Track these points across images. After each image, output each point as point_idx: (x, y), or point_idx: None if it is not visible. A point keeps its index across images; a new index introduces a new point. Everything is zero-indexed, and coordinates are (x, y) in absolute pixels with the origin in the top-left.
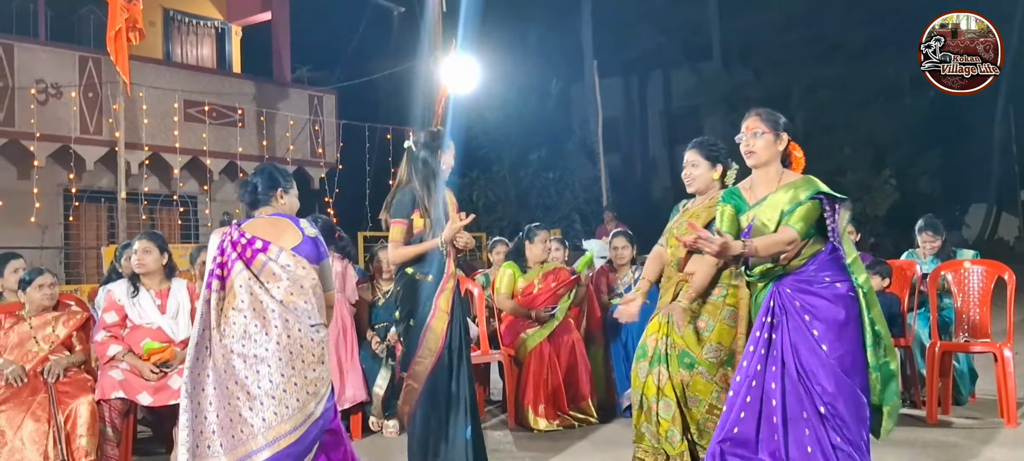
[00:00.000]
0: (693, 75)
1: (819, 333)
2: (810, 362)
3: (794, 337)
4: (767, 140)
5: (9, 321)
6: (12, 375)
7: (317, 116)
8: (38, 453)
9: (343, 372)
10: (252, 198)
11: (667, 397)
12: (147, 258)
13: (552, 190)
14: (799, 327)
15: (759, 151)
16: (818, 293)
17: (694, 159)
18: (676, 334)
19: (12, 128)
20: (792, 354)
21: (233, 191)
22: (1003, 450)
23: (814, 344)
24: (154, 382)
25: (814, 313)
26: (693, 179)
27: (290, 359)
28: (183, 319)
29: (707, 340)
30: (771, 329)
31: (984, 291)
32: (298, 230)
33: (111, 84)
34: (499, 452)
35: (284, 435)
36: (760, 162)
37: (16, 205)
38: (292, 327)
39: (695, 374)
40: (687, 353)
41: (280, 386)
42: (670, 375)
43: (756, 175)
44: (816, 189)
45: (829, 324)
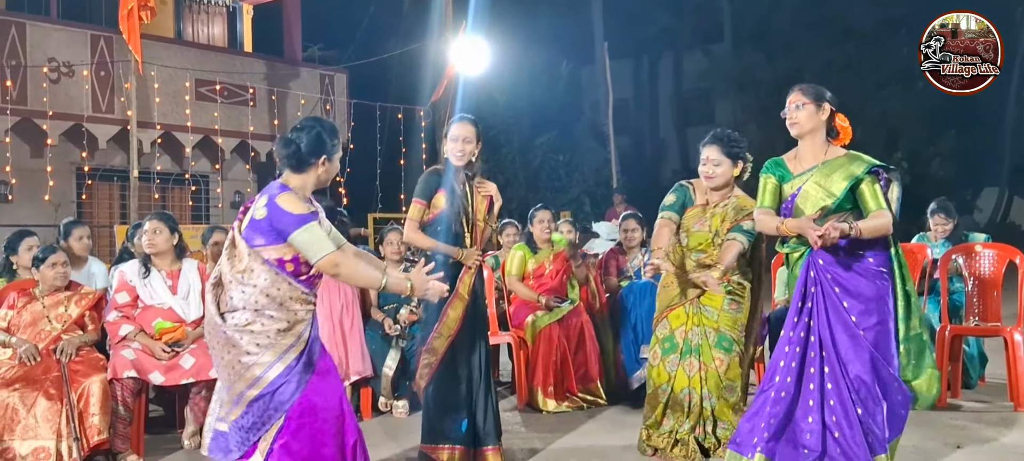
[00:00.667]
0: (704, 57)
1: (849, 306)
2: (841, 336)
3: (827, 310)
4: (809, 111)
5: (22, 300)
6: (25, 354)
7: (328, 95)
8: (51, 431)
9: (347, 347)
10: (296, 159)
11: (693, 388)
12: (157, 239)
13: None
14: (831, 300)
15: (802, 121)
16: (852, 268)
17: (717, 158)
18: (709, 320)
19: (25, 106)
20: (826, 327)
21: (244, 170)
22: (1012, 433)
23: (846, 317)
24: (166, 362)
25: (845, 287)
26: (715, 177)
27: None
28: (194, 299)
29: (739, 320)
30: (801, 300)
31: (995, 275)
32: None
33: (123, 63)
34: (509, 433)
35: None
36: (803, 131)
37: (30, 183)
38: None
39: (732, 356)
40: (725, 336)
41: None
42: (703, 364)
43: (801, 145)
44: (870, 164)
45: (859, 299)
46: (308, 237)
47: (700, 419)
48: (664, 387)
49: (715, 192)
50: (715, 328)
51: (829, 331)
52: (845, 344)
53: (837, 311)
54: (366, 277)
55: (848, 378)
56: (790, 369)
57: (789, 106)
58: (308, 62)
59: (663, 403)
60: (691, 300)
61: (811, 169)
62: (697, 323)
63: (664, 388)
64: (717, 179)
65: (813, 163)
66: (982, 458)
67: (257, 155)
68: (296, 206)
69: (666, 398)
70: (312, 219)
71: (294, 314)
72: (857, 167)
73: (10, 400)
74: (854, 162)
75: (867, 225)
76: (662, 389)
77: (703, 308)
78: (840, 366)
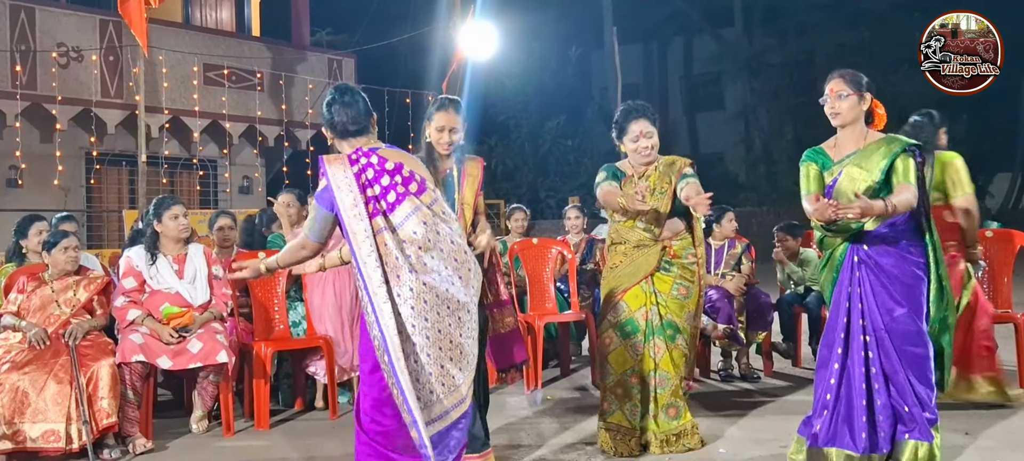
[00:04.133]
0: (714, 41)
1: (889, 293)
2: (883, 320)
3: (874, 294)
4: (851, 101)
5: (32, 284)
6: (35, 337)
7: (336, 80)
8: (61, 414)
9: (354, 337)
10: (362, 123)
11: (664, 370)
12: (187, 221)
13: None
14: (874, 286)
15: (844, 112)
16: (892, 255)
17: (649, 129)
18: (662, 305)
19: (34, 91)
20: (877, 312)
21: (252, 155)
22: (1021, 420)
23: (888, 304)
24: (173, 346)
25: (886, 274)
26: (652, 150)
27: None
28: (201, 284)
29: (687, 306)
30: (849, 285)
31: (1006, 261)
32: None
33: (131, 48)
34: (514, 421)
35: (469, 394)
36: (845, 122)
37: (39, 168)
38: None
39: (675, 346)
40: (671, 323)
41: (468, 340)
42: (661, 348)
43: (841, 134)
44: (907, 142)
45: (898, 285)
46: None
47: (652, 408)
48: (628, 373)
49: (642, 167)
50: (664, 314)
51: (878, 314)
52: (897, 324)
53: (882, 295)
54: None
55: (904, 358)
56: (838, 356)
57: (830, 95)
58: (316, 47)
59: (631, 390)
60: (643, 280)
61: (851, 154)
62: (655, 304)
63: (628, 374)
64: (654, 151)
65: (854, 148)
66: (991, 444)
67: (265, 140)
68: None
69: (633, 385)
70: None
71: None
72: (895, 146)
73: (20, 384)
74: (892, 142)
75: (899, 199)
76: (627, 375)
77: (656, 291)
78: (895, 347)
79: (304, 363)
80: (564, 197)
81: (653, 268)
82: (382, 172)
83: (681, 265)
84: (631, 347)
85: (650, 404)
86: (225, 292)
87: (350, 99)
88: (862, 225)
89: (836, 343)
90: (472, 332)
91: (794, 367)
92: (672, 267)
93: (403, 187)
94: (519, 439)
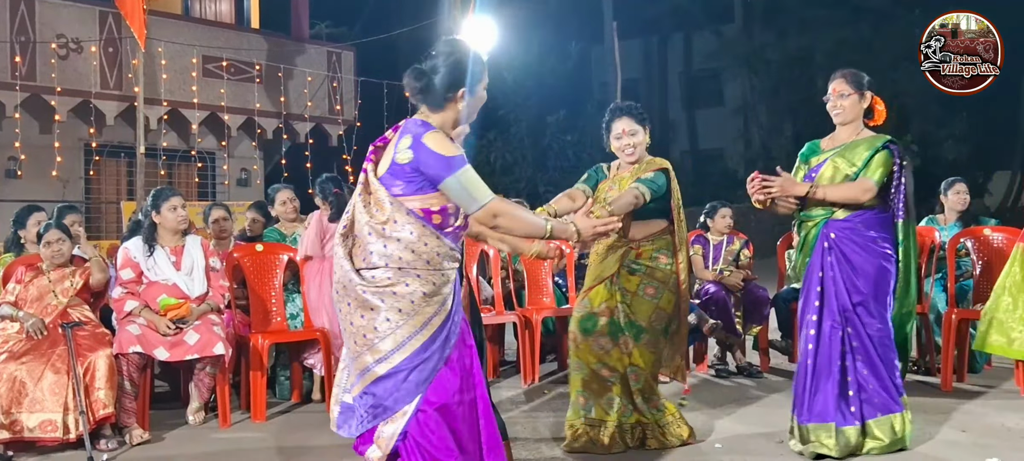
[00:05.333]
0: (714, 37)
1: (854, 283)
2: (857, 296)
3: (842, 277)
4: (852, 100)
5: (29, 274)
6: (32, 328)
7: (335, 73)
8: (58, 405)
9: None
10: (429, 94)
11: (637, 365)
12: (185, 213)
13: (570, 153)
14: (844, 267)
15: (846, 110)
16: (860, 246)
17: (633, 127)
18: (627, 305)
19: (34, 82)
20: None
21: (251, 147)
22: (1017, 416)
23: (853, 293)
24: (170, 338)
25: (853, 263)
26: (635, 148)
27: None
28: (198, 275)
29: (656, 307)
30: (823, 270)
31: (1004, 259)
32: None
33: (130, 39)
34: (510, 416)
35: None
36: (846, 120)
37: (38, 159)
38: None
39: (642, 345)
40: (635, 324)
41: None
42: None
43: (840, 130)
44: (888, 139)
45: (865, 277)
46: (465, 181)
47: (630, 402)
48: (598, 367)
49: (627, 165)
50: (629, 314)
51: (847, 295)
52: (862, 306)
53: (850, 278)
54: (530, 224)
55: (870, 336)
56: (811, 337)
57: (833, 94)
58: (315, 39)
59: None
60: (610, 278)
61: (842, 146)
62: (619, 301)
63: (598, 368)
64: (637, 151)
65: (845, 141)
66: (988, 441)
67: (263, 132)
68: (446, 146)
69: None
70: (465, 162)
71: (443, 275)
72: (879, 141)
73: (18, 373)
74: (878, 139)
75: (835, 189)
76: (587, 369)
77: (622, 290)
78: (862, 326)
79: (301, 356)
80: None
81: (617, 267)
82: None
83: (650, 266)
84: (594, 342)
85: (626, 398)
86: (222, 284)
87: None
88: (831, 211)
89: (807, 324)
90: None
91: (791, 362)
92: (639, 267)
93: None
94: (515, 432)
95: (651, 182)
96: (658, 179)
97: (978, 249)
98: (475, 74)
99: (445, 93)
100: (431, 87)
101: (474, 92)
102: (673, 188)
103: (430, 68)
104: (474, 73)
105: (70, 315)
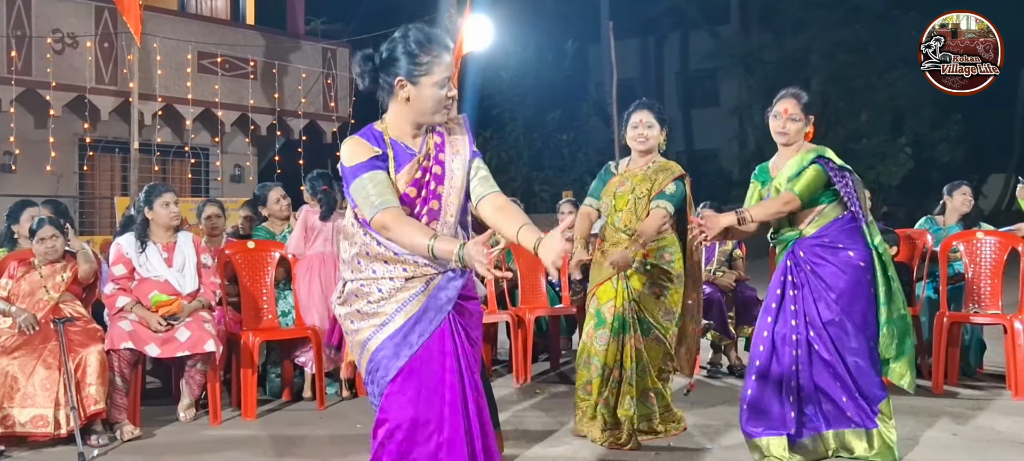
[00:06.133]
0: (711, 37)
1: (826, 301)
2: (826, 314)
3: (813, 294)
4: (799, 125)
5: (21, 270)
6: (24, 323)
7: (330, 70)
8: (49, 399)
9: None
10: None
11: (624, 366)
12: (176, 209)
13: (566, 151)
14: (814, 286)
15: (792, 134)
16: (829, 260)
17: (650, 120)
18: (636, 302)
19: (29, 77)
20: (814, 309)
21: (244, 143)
22: (1008, 420)
23: (829, 301)
24: (162, 334)
25: (824, 279)
26: (648, 139)
27: None
28: (189, 272)
29: (663, 304)
30: (784, 287)
31: (996, 262)
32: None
33: (126, 34)
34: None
35: None
36: (790, 142)
37: (32, 154)
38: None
39: (651, 340)
40: (645, 319)
41: None
42: (630, 343)
43: (782, 151)
44: (818, 153)
45: (839, 292)
46: (358, 192)
47: (631, 399)
48: (591, 362)
49: (641, 158)
50: (637, 309)
51: (816, 312)
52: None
53: (822, 294)
54: (413, 242)
55: (841, 353)
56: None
57: (783, 115)
58: (310, 36)
59: (593, 380)
60: (618, 277)
61: (784, 167)
62: (625, 300)
63: (591, 362)
64: (650, 141)
65: (787, 160)
66: (979, 446)
67: (257, 128)
68: (355, 153)
69: (597, 374)
70: (365, 169)
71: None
72: (808, 156)
73: (9, 368)
74: (809, 152)
75: (759, 209)
76: (589, 363)
77: (629, 287)
78: (831, 341)
79: (292, 354)
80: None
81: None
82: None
83: (656, 266)
84: (599, 339)
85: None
86: (214, 281)
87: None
88: (799, 230)
89: (759, 341)
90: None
91: None
92: (646, 266)
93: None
94: (506, 431)
95: (673, 196)
96: (679, 190)
97: (970, 252)
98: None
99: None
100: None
101: (415, 80)
102: (688, 194)
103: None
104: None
105: (62, 310)
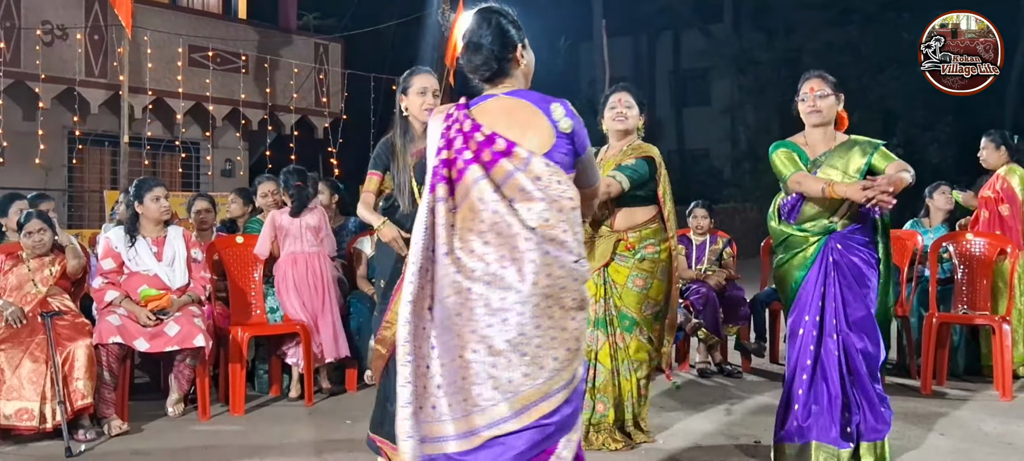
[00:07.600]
0: (703, 36)
1: (853, 293)
2: (855, 314)
3: (843, 291)
4: (830, 101)
5: (9, 263)
6: (11, 316)
7: (323, 65)
8: (36, 393)
9: (319, 329)
10: (488, 68)
11: (602, 363)
12: (166, 204)
13: None
14: (847, 281)
15: (825, 111)
16: (859, 254)
17: (629, 101)
18: (615, 297)
19: (18, 69)
20: (844, 308)
21: (235, 138)
22: (995, 421)
23: (851, 303)
24: (151, 329)
25: (854, 271)
26: (627, 118)
27: (547, 306)
28: (179, 267)
29: (646, 297)
30: (823, 284)
31: (986, 263)
32: (549, 123)
33: (116, 27)
34: None
35: (535, 403)
36: (825, 121)
37: (21, 146)
38: (552, 265)
39: (633, 337)
40: (626, 315)
41: (533, 340)
42: (609, 340)
43: (814, 133)
44: (876, 142)
45: (862, 283)
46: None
47: (617, 399)
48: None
49: (618, 141)
50: (619, 305)
51: (843, 312)
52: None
53: (848, 295)
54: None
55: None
56: (809, 352)
57: (811, 93)
58: (303, 31)
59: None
60: (598, 271)
61: (825, 154)
62: (604, 296)
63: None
64: (629, 120)
65: (825, 148)
66: (966, 447)
67: (248, 123)
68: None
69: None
70: None
71: None
72: (869, 146)
73: None
74: (863, 143)
75: (905, 177)
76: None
77: (609, 282)
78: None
79: (281, 349)
80: None
81: (605, 260)
82: (460, 131)
83: (640, 256)
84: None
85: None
86: (203, 276)
87: (474, 39)
88: (834, 224)
89: (808, 340)
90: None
91: (772, 363)
92: (628, 258)
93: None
94: None
95: (631, 169)
96: (640, 167)
97: (959, 253)
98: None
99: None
100: (494, 56)
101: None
102: (661, 176)
103: (481, 38)
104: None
105: (50, 304)
